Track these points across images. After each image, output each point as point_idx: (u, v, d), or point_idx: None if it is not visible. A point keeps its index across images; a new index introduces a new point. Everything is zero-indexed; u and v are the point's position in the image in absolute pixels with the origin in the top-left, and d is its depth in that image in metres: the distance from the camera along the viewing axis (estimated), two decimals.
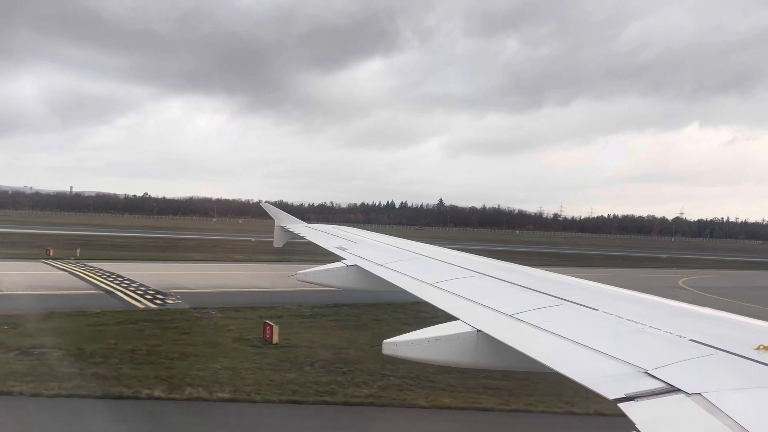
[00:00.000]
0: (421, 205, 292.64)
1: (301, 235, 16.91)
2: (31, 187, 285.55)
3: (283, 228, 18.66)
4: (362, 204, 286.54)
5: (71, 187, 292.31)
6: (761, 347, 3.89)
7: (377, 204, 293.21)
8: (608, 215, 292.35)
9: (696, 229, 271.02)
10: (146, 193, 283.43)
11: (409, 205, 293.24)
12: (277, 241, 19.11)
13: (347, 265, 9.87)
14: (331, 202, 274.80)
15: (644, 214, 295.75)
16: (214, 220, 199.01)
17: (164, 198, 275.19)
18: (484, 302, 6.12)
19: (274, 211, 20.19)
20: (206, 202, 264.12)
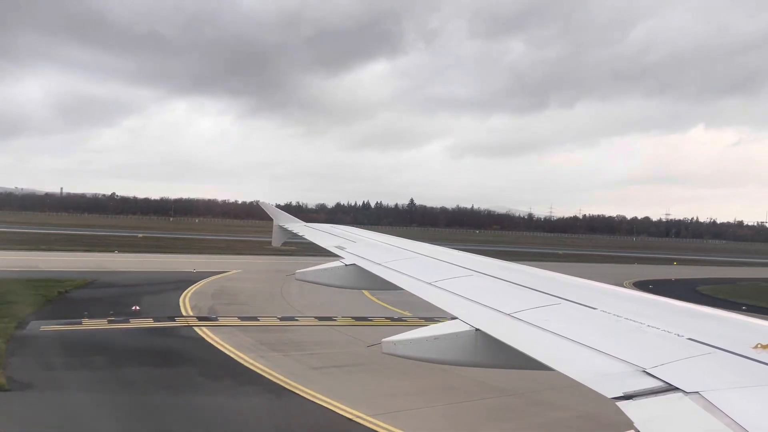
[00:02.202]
0: (396, 205, 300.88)
1: (300, 234, 16.91)
2: (21, 188, 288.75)
3: (281, 227, 18.67)
4: (337, 204, 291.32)
5: (61, 188, 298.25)
6: (759, 346, 3.90)
7: (353, 204, 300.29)
8: (582, 216, 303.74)
9: (663, 230, 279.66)
10: (114, 193, 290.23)
11: (384, 205, 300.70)
12: (276, 240, 19.13)
13: (345, 264, 9.87)
14: (297, 202, 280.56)
15: (614, 215, 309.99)
16: (171, 219, 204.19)
17: (134, 198, 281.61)
18: (482, 301, 6.12)
19: (272, 211, 20.19)
20: (178, 202, 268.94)
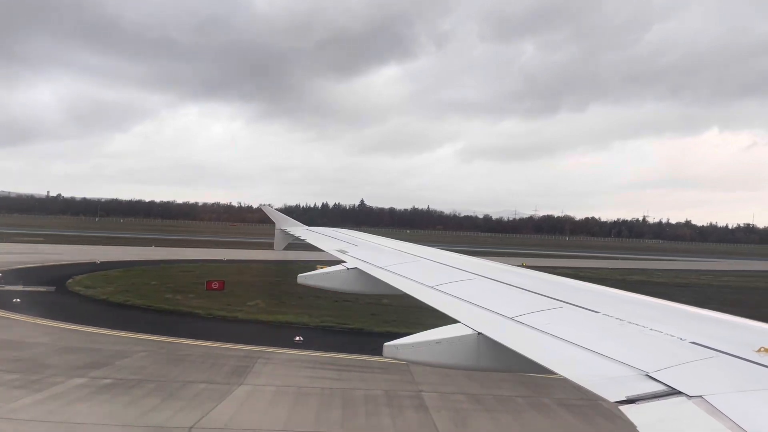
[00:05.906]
0: (350, 207, 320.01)
1: (302, 238, 16.91)
2: (9, 192, 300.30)
3: (283, 231, 18.66)
4: (296, 206, 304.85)
5: (48, 192, 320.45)
6: (762, 349, 3.88)
7: (311, 206, 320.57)
8: (542, 216, 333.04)
9: (607, 230, 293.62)
10: (59, 194, 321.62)
11: (342, 206, 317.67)
12: (278, 245, 19.11)
13: (348, 268, 9.85)
14: (239, 203, 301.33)
15: (561, 215, 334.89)
16: (97, 219, 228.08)
17: (84, 199, 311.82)
18: (484, 305, 6.11)
19: (275, 215, 20.21)
20: (135, 203, 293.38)
